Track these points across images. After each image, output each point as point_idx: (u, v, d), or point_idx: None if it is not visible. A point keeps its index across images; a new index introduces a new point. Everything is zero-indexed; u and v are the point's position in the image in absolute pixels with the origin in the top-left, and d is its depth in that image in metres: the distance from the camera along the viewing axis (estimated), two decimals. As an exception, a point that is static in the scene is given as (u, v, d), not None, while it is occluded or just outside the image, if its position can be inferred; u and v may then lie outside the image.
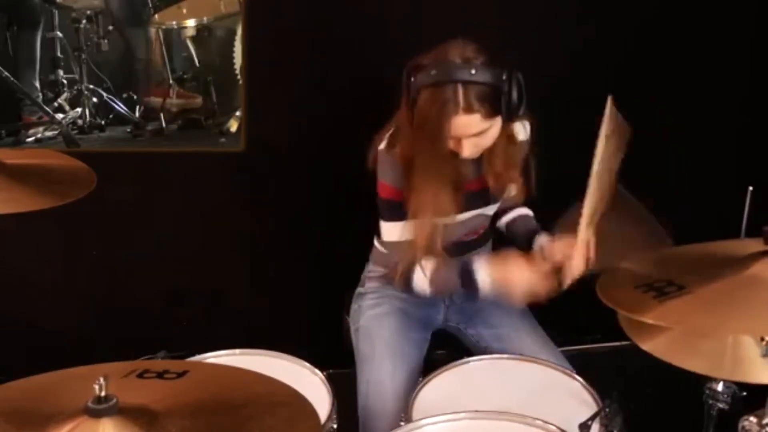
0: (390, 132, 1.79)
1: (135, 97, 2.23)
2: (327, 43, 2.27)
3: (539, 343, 1.87)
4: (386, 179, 1.79)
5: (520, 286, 1.72)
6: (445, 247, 1.88)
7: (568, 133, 2.22)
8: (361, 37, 2.27)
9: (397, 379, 1.78)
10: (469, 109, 1.61)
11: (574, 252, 1.69)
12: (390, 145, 1.78)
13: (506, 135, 1.78)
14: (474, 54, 1.63)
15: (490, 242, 2.06)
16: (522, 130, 1.87)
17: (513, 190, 2.02)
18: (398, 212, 1.80)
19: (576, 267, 1.69)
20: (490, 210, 1.94)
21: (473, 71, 1.60)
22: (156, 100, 2.23)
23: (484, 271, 1.76)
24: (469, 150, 1.69)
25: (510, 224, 2.04)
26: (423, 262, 1.81)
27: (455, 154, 1.72)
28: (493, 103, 1.62)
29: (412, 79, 1.64)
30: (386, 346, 1.84)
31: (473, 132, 1.66)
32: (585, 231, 1.68)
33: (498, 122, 1.68)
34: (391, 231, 1.83)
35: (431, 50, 1.66)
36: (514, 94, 1.62)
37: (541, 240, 1.88)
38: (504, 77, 1.61)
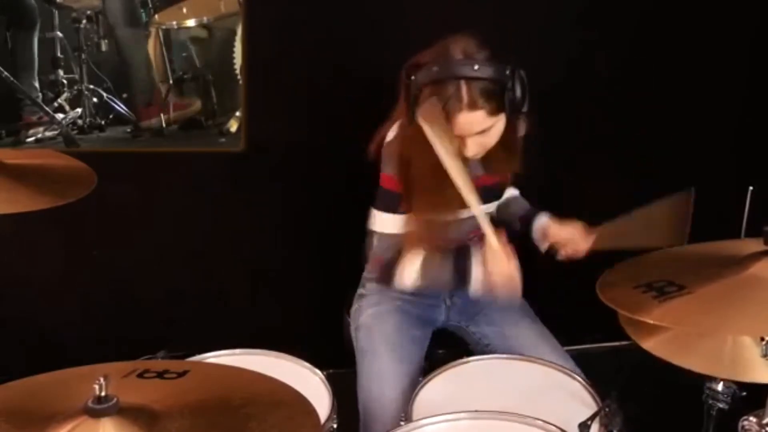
0: (398, 125, 1.77)
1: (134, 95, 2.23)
2: (327, 43, 2.27)
3: (542, 341, 1.87)
4: (389, 171, 1.77)
5: (505, 281, 1.68)
6: (445, 247, 1.87)
7: (567, 134, 2.23)
8: (361, 38, 2.27)
9: (398, 374, 1.77)
10: (473, 106, 1.60)
11: (580, 237, 1.77)
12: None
13: (509, 129, 1.74)
14: (476, 49, 1.62)
15: None
16: (521, 125, 1.82)
17: (511, 190, 2.03)
18: (397, 204, 1.78)
19: (579, 251, 1.77)
20: (491, 207, 1.93)
21: (476, 67, 1.58)
22: (155, 121, 2.22)
23: (479, 267, 1.72)
24: (473, 149, 1.67)
25: (502, 208, 2.03)
26: (410, 255, 1.78)
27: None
28: (497, 99, 1.60)
29: (413, 77, 1.62)
30: (387, 342, 1.84)
31: (477, 130, 1.64)
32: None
33: (502, 119, 1.66)
34: (385, 222, 1.81)
35: (430, 48, 1.64)
36: (518, 90, 1.60)
37: (542, 221, 1.91)
38: (507, 72, 1.59)
